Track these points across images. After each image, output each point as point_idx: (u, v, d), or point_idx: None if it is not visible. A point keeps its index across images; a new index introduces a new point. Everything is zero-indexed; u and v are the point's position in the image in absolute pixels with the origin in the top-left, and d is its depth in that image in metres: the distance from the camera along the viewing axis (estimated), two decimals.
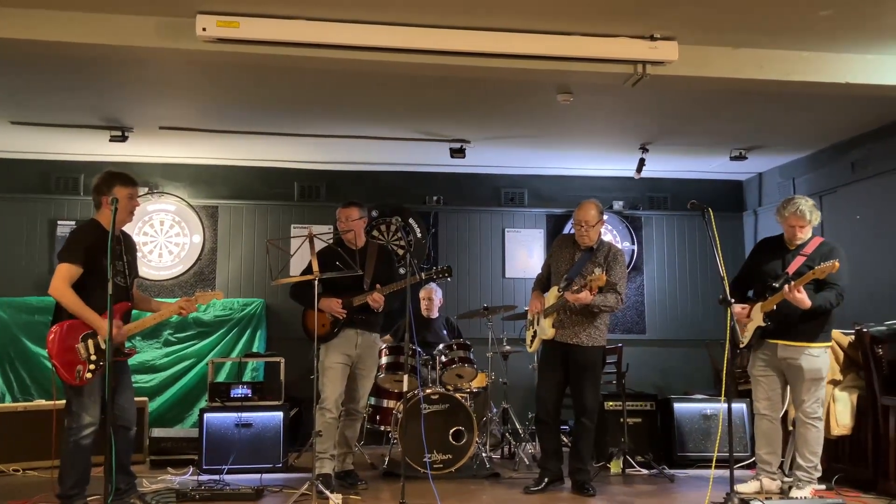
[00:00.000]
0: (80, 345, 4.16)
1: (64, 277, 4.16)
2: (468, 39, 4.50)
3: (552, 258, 5.32)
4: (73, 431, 4.18)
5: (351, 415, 5.29)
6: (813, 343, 4.72)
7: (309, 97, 5.73)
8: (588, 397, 5.04)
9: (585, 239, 5.12)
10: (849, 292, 4.74)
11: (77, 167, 7.48)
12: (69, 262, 4.18)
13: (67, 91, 5.57)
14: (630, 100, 5.64)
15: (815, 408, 4.74)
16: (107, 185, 4.35)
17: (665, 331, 8.13)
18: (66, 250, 4.24)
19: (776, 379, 4.92)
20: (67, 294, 4.15)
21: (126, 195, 4.35)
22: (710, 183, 8.29)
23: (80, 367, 4.14)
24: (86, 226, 4.44)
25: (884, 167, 6.33)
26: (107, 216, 4.28)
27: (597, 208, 5.11)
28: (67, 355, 4.13)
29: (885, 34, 4.69)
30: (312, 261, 4.77)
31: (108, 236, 4.16)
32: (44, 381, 6.60)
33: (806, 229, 4.83)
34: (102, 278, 4.08)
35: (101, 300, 4.09)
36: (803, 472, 4.77)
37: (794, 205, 4.81)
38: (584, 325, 5.01)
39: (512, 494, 5.08)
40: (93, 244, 4.23)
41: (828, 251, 4.74)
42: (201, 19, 4.26)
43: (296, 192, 7.82)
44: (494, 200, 8.13)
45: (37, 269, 7.32)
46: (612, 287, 4.97)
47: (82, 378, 4.14)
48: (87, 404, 4.19)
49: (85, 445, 4.21)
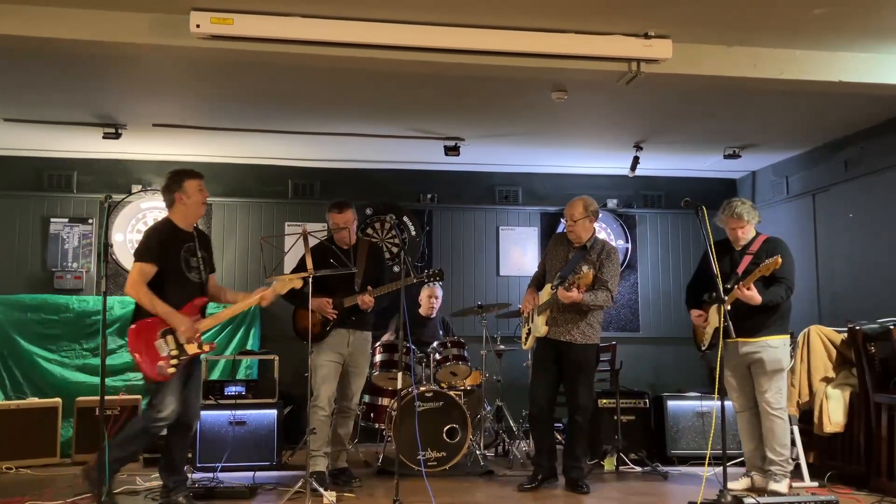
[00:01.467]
0: (160, 341, 4.24)
1: (139, 276, 4.22)
2: (462, 37, 4.50)
3: (547, 256, 5.33)
4: (149, 420, 4.27)
5: (344, 412, 5.29)
6: (771, 336, 4.86)
7: (303, 94, 5.72)
8: (581, 395, 5.04)
9: (573, 235, 5.13)
10: (841, 290, 4.79)
11: (70, 164, 7.46)
12: (144, 262, 4.25)
13: (60, 88, 5.54)
14: (624, 98, 5.64)
15: (777, 398, 4.85)
16: (176, 182, 4.44)
17: (659, 329, 8.15)
18: (140, 250, 4.30)
19: (745, 376, 5.02)
20: (143, 292, 4.21)
21: (196, 187, 4.46)
22: (704, 181, 8.30)
23: (161, 363, 4.22)
24: (160, 225, 4.49)
25: (877, 165, 6.35)
26: (181, 212, 4.42)
27: (583, 204, 5.09)
28: (149, 351, 4.20)
29: (877, 32, 4.70)
30: (307, 258, 4.76)
31: (181, 233, 4.36)
32: (37, 379, 6.57)
33: (746, 229, 5.00)
34: (178, 275, 4.25)
35: (176, 297, 4.25)
36: (776, 465, 4.86)
37: (731, 207, 5.01)
38: (577, 323, 5.01)
39: (506, 492, 5.08)
40: (166, 242, 4.31)
41: (772, 248, 4.90)
42: (195, 16, 4.25)
43: (290, 190, 7.80)
44: (489, 198, 8.13)
45: (30, 267, 7.30)
46: (604, 285, 4.98)
47: (165, 374, 4.21)
48: (169, 398, 4.27)
49: (152, 434, 4.32)
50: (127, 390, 6.52)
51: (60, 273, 7.29)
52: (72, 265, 7.35)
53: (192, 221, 4.51)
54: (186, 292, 4.36)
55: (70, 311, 6.80)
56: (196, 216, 4.51)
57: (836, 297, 6.74)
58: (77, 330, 6.78)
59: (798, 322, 5.52)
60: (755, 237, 5.04)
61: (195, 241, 4.47)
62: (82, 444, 6.08)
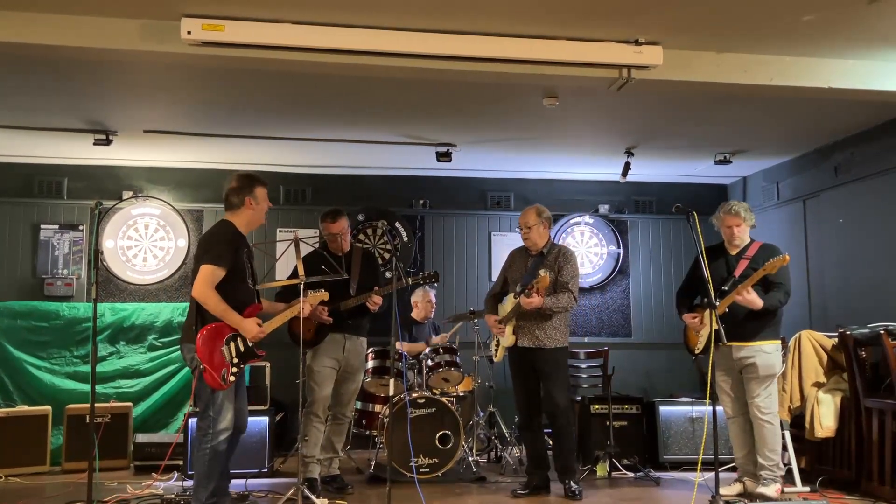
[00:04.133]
0: (225, 347, 4.11)
1: (207, 279, 4.08)
2: (454, 43, 4.50)
3: (508, 269, 5.37)
4: (211, 437, 4.08)
5: (337, 419, 5.28)
6: (766, 341, 4.88)
7: (294, 100, 5.71)
8: (558, 399, 5.03)
9: (529, 242, 5.19)
10: (832, 295, 4.81)
11: (61, 171, 7.43)
12: (214, 265, 4.10)
13: (51, 94, 5.52)
14: (615, 104, 5.66)
15: (768, 403, 4.86)
16: (249, 186, 4.35)
17: (651, 334, 8.16)
18: (210, 252, 4.15)
19: (738, 381, 5.03)
20: (211, 296, 4.07)
21: (265, 195, 4.41)
22: (695, 187, 8.33)
23: (224, 370, 4.08)
24: (226, 227, 4.32)
25: (866, 171, 6.38)
26: (246, 217, 4.33)
27: (536, 211, 5.18)
28: (216, 358, 4.07)
29: (867, 39, 4.73)
30: (298, 265, 4.75)
31: (243, 238, 4.28)
32: (27, 386, 6.53)
33: (742, 228, 5.03)
34: (241, 281, 4.18)
35: (240, 302, 4.15)
36: (766, 470, 4.87)
37: (729, 205, 5.11)
38: (543, 328, 5.04)
39: (499, 498, 5.08)
40: (234, 246, 4.21)
41: (771, 251, 4.92)
42: (186, 22, 4.24)
43: (281, 196, 7.79)
44: (481, 204, 8.13)
45: (20, 274, 7.27)
46: (564, 286, 5.02)
47: (227, 381, 4.08)
48: (227, 408, 4.11)
49: (222, 451, 4.12)
50: (117, 397, 6.49)
51: (51, 280, 7.26)
52: (62, 272, 7.31)
53: (253, 228, 4.43)
54: (248, 298, 4.26)
55: (60, 318, 6.76)
56: (257, 224, 4.44)
57: (826, 302, 6.76)
58: (67, 337, 6.75)
59: (789, 327, 5.54)
60: (750, 243, 5.05)
61: (249, 248, 4.39)
62: (72, 452, 6.04)
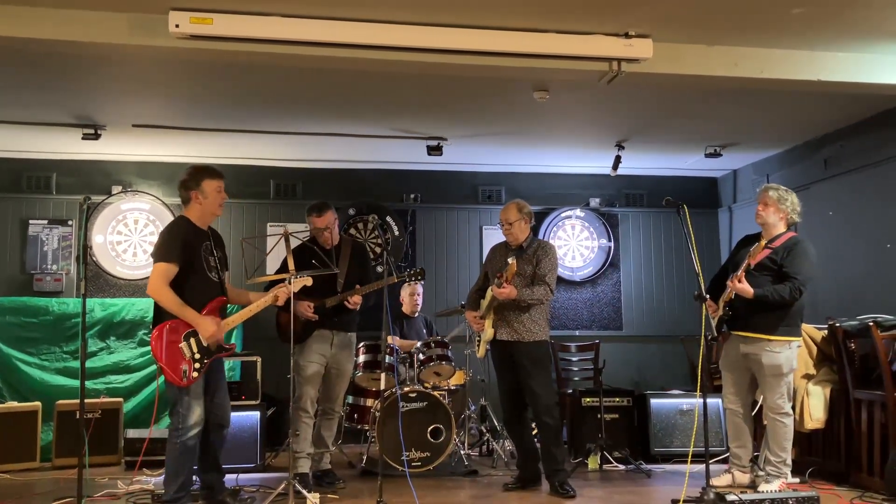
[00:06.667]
0: (184, 344, 4.12)
1: (161, 277, 4.10)
2: (444, 37, 4.49)
3: (488, 264, 5.34)
4: (180, 433, 4.13)
5: (327, 414, 5.26)
6: (772, 336, 4.78)
7: (284, 94, 5.69)
8: (541, 394, 4.95)
9: (511, 238, 5.16)
10: (821, 287, 4.79)
11: (49, 165, 7.38)
12: (166, 262, 4.12)
13: (38, 88, 5.48)
14: (606, 97, 5.66)
15: (779, 403, 4.82)
16: (194, 179, 4.33)
17: (641, 327, 8.18)
18: (160, 249, 4.17)
19: (742, 374, 5.02)
20: (165, 293, 4.09)
21: (215, 188, 4.35)
22: (686, 180, 8.35)
23: (185, 367, 4.10)
24: (178, 223, 4.35)
25: (856, 164, 6.40)
26: (197, 211, 4.31)
27: (517, 207, 5.15)
28: (173, 356, 4.09)
29: (856, 32, 4.74)
30: (288, 259, 4.73)
31: (200, 232, 4.23)
32: (16, 382, 6.48)
33: (768, 211, 4.92)
34: (200, 275, 4.14)
35: (200, 297, 4.13)
36: (772, 466, 4.86)
37: (765, 187, 5.01)
38: (522, 321, 4.99)
39: (490, 492, 5.09)
40: (188, 240, 4.20)
41: (792, 244, 4.84)
42: (174, 16, 4.21)
43: (272, 190, 7.77)
44: (472, 198, 8.13)
45: (8, 270, 7.22)
46: (541, 279, 5.00)
47: (189, 377, 4.10)
48: (193, 404, 4.15)
49: (192, 446, 4.17)
50: (108, 393, 6.46)
51: (40, 275, 7.22)
52: (51, 267, 7.28)
53: (208, 221, 4.41)
54: (208, 292, 4.26)
55: (50, 314, 6.71)
56: (212, 217, 4.41)
57: (816, 294, 6.76)
58: (57, 333, 6.70)
59: None
60: (782, 234, 4.93)
61: (211, 240, 4.39)
62: (62, 448, 6.00)
